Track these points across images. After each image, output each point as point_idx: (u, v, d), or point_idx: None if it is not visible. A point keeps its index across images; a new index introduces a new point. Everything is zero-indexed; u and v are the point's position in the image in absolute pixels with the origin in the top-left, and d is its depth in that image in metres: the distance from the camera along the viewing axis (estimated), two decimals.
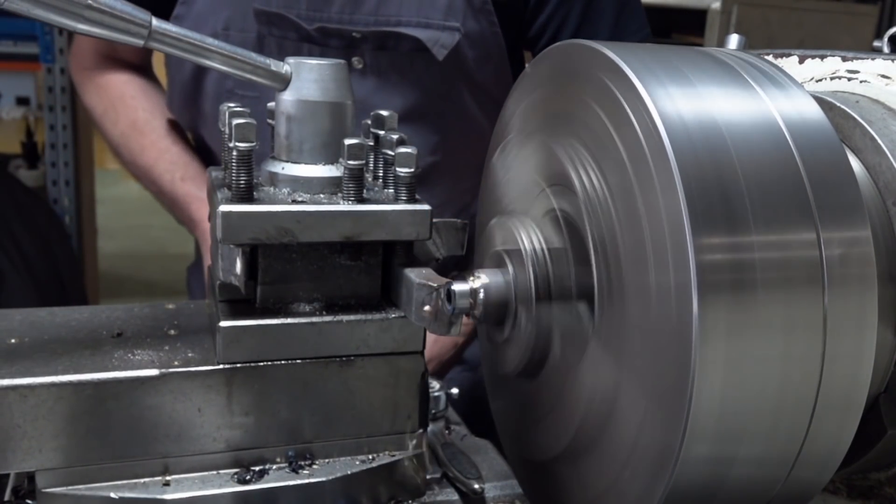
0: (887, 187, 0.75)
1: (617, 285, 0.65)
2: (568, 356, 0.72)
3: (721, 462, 0.60)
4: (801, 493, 0.65)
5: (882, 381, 0.74)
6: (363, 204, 0.74)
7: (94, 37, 0.68)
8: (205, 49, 0.72)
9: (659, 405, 0.60)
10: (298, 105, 0.76)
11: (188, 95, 1.45)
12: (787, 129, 0.63)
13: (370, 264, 0.78)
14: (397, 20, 1.34)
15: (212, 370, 0.74)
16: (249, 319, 0.74)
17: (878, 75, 0.83)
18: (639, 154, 0.61)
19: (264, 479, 0.76)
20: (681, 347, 0.57)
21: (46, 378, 0.70)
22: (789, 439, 0.61)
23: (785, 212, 0.60)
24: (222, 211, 0.70)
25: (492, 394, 0.93)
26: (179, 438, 0.74)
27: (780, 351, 0.59)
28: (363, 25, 1.33)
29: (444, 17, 1.35)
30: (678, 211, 0.57)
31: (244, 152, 0.71)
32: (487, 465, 0.92)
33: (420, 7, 1.34)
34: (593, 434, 0.68)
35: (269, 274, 0.76)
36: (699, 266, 0.56)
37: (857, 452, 0.74)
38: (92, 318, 0.82)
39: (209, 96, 1.42)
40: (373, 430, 0.79)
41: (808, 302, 0.59)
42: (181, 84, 1.45)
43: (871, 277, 0.61)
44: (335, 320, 0.76)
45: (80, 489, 0.72)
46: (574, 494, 0.73)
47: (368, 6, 1.33)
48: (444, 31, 1.35)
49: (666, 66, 0.65)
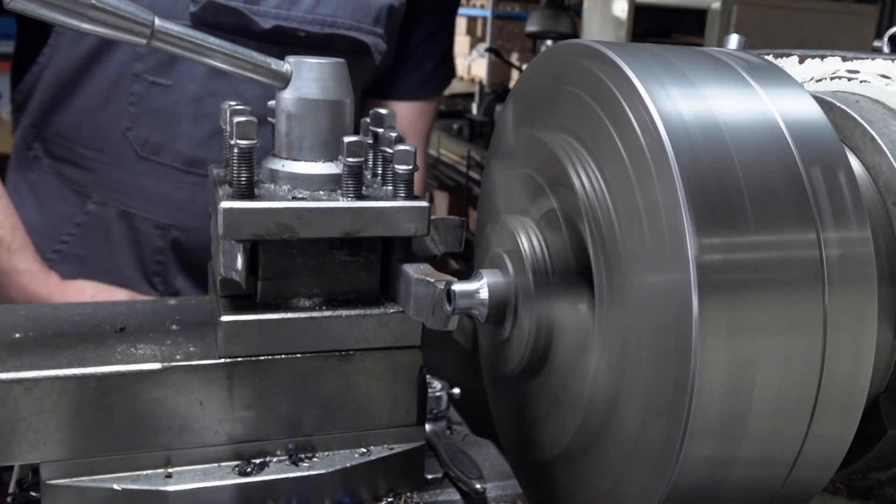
0: (887, 187, 0.75)
1: (617, 285, 0.65)
2: (568, 356, 0.72)
3: (721, 462, 0.60)
4: (801, 494, 0.65)
5: (882, 381, 0.74)
6: (362, 200, 0.75)
7: (98, 35, 0.69)
8: (206, 48, 0.73)
9: (659, 405, 0.59)
10: (298, 103, 0.77)
11: (73, 73, 1.32)
12: (787, 129, 0.63)
13: (369, 260, 0.79)
14: (332, 21, 1.38)
15: (213, 364, 0.75)
16: (250, 314, 0.75)
17: (878, 75, 0.83)
18: (639, 154, 0.61)
19: (265, 472, 0.77)
20: (681, 347, 0.57)
21: (51, 371, 0.71)
22: (789, 439, 0.61)
23: (785, 212, 0.60)
24: (224, 207, 0.71)
25: (492, 394, 0.93)
26: (181, 431, 0.75)
27: (780, 351, 0.58)
28: (298, 23, 1.36)
29: (373, 24, 1.42)
30: (678, 211, 0.57)
31: (245, 149, 0.72)
32: (489, 464, 0.92)
33: (354, 11, 1.40)
34: (593, 434, 0.68)
35: (270, 269, 0.77)
36: (699, 266, 0.56)
37: (857, 452, 0.74)
38: (95, 313, 0.84)
39: (107, 76, 1.31)
40: (372, 424, 0.80)
41: (808, 302, 0.59)
42: (67, 61, 1.31)
43: (871, 277, 0.61)
44: (335, 315, 0.77)
45: (83, 481, 0.73)
46: (574, 494, 0.73)
47: (306, 4, 1.36)
48: (375, 37, 1.43)
49: (666, 66, 0.65)
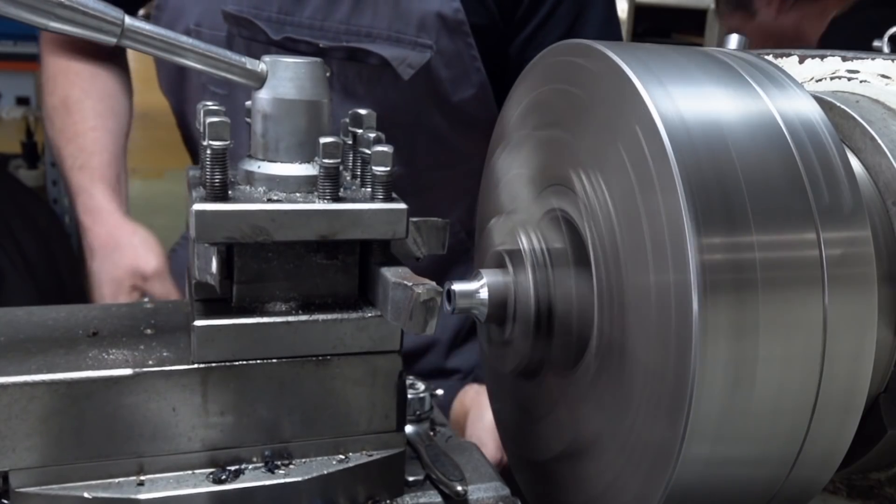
0: (887, 187, 0.75)
1: (617, 285, 0.65)
2: (568, 356, 0.72)
3: (721, 462, 0.60)
4: (801, 493, 0.65)
5: (882, 381, 0.74)
6: (339, 203, 0.74)
7: (66, 34, 0.68)
8: (178, 47, 0.72)
9: (659, 405, 0.60)
10: (274, 103, 0.75)
11: (173, 80, 1.44)
12: (787, 129, 0.63)
13: (347, 263, 0.78)
14: (368, 31, 1.31)
15: (186, 369, 0.73)
16: (224, 319, 0.74)
17: (878, 75, 0.83)
18: (639, 154, 0.61)
19: (240, 479, 0.75)
20: (681, 347, 0.57)
21: (19, 377, 0.69)
22: (789, 439, 0.62)
23: (785, 212, 0.60)
24: (196, 210, 0.70)
25: (492, 394, 0.93)
26: (154, 438, 0.73)
27: (781, 351, 0.59)
28: (333, 34, 1.30)
29: (417, 34, 1.31)
30: (678, 211, 0.57)
31: (218, 150, 0.70)
32: (472, 466, 0.91)
33: (392, 20, 1.31)
34: (593, 434, 0.68)
35: (245, 273, 0.75)
36: (699, 266, 0.56)
37: (857, 452, 0.74)
38: (69, 318, 0.82)
39: (193, 87, 1.42)
40: (350, 430, 0.79)
41: (808, 302, 0.59)
42: (166, 69, 1.43)
43: (871, 277, 0.61)
44: (311, 319, 0.76)
45: (53, 489, 0.71)
46: (574, 494, 0.73)
47: (340, 14, 1.31)
48: (414, 49, 1.31)
49: (666, 65, 0.65)
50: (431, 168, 1.44)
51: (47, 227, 3.28)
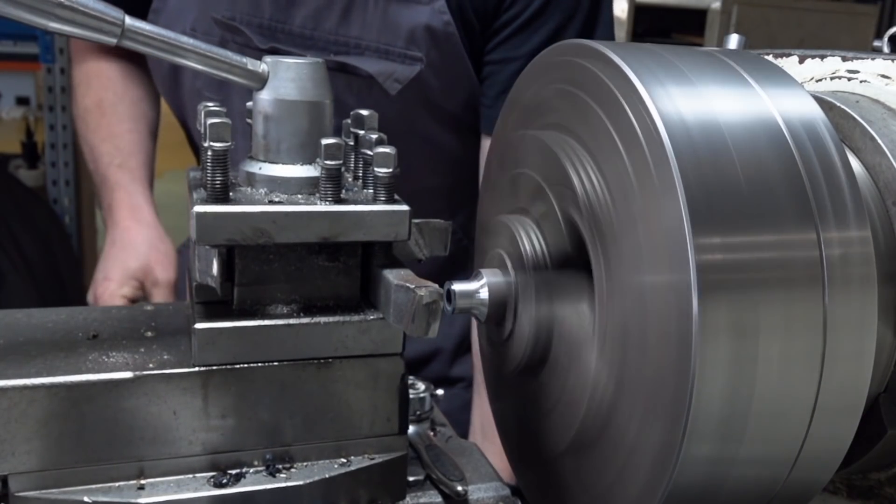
0: (887, 187, 0.75)
1: (617, 285, 0.65)
2: (568, 356, 0.72)
3: (721, 462, 0.60)
4: (801, 493, 0.65)
5: (882, 381, 0.74)
6: (340, 204, 0.73)
7: (65, 35, 0.67)
8: (179, 48, 0.71)
9: (659, 405, 0.60)
10: (276, 104, 0.75)
11: (167, 84, 1.45)
12: (787, 129, 0.63)
13: (348, 265, 0.77)
14: (357, 43, 1.30)
15: (187, 372, 0.73)
16: (225, 321, 0.73)
17: (878, 75, 0.83)
18: (639, 154, 0.61)
19: (241, 483, 0.75)
20: (681, 347, 0.57)
21: (19, 381, 0.69)
22: (789, 439, 0.62)
23: (785, 211, 0.60)
24: (197, 211, 0.69)
25: (492, 394, 0.93)
26: (154, 441, 0.73)
27: (781, 351, 0.59)
28: (322, 45, 1.30)
29: (406, 46, 1.29)
30: (678, 211, 0.57)
31: (219, 152, 0.70)
32: (472, 467, 0.91)
33: (381, 33, 1.29)
34: (594, 434, 0.69)
35: (246, 275, 0.75)
36: (699, 266, 0.56)
37: (857, 452, 0.74)
38: (69, 320, 0.82)
39: (186, 91, 1.42)
40: (352, 433, 0.79)
41: (808, 302, 0.59)
42: (161, 78, 1.45)
43: (871, 277, 0.61)
44: (313, 322, 0.75)
45: (53, 493, 0.71)
46: (574, 494, 0.73)
47: (330, 24, 1.30)
48: (403, 62, 1.29)
49: (666, 66, 0.65)
50: (427, 175, 1.44)
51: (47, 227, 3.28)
